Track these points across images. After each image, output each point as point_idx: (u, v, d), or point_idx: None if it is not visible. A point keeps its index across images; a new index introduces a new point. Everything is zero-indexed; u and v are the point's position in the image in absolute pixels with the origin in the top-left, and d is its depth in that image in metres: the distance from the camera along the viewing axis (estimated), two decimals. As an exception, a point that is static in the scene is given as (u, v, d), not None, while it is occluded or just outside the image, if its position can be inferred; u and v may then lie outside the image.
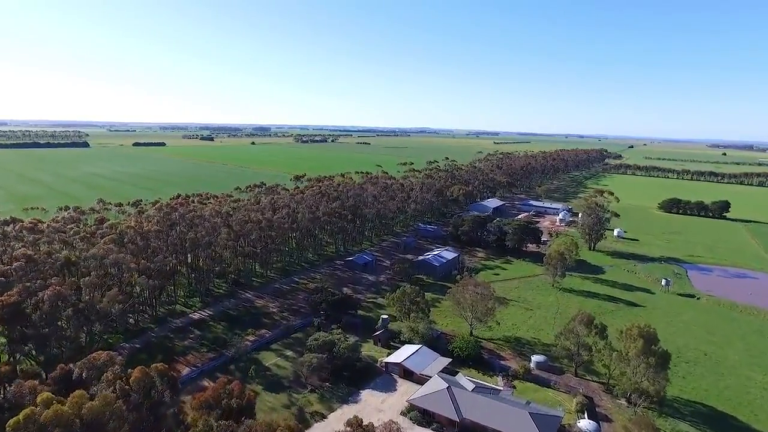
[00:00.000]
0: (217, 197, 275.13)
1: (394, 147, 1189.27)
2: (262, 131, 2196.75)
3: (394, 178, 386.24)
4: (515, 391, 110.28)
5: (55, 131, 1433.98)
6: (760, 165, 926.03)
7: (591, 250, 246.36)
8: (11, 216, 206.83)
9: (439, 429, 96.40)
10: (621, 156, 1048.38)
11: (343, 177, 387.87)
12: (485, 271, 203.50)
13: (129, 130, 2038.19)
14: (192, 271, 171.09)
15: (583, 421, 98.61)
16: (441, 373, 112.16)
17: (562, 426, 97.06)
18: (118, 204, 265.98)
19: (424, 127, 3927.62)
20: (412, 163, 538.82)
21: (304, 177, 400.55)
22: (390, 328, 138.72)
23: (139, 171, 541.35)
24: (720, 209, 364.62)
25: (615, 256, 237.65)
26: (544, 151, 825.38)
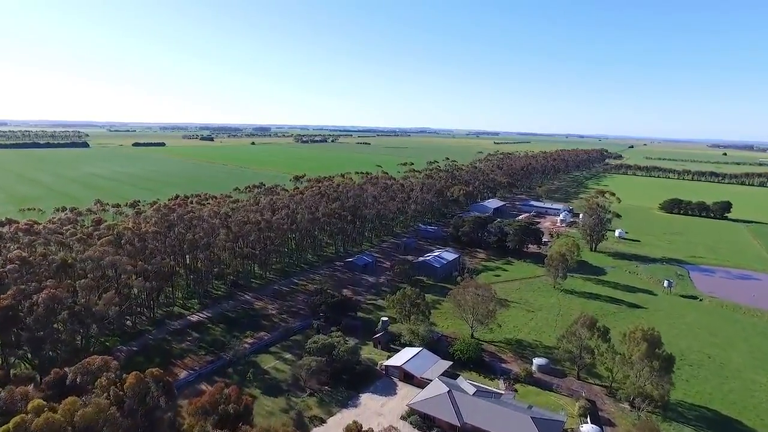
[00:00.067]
0: (215, 198, 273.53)
1: (394, 147, 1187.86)
2: (262, 131, 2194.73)
3: (394, 178, 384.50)
4: (517, 395, 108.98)
5: (55, 131, 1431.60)
6: (760, 165, 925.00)
7: (592, 251, 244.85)
8: (6, 217, 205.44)
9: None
10: (621, 156, 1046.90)
11: (342, 177, 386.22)
12: (486, 272, 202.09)
13: (129, 131, 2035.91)
14: (190, 273, 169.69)
15: (585, 426, 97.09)
16: (442, 376, 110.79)
17: (564, 431, 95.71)
18: (116, 205, 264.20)
19: (424, 127, 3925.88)
20: (412, 163, 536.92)
21: (303, 177, 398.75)
22: (390, 331, 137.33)
23: (139, 171, 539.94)
24: (721, 210, 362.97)
25: (616, 257, 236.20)
26: (544, 151, 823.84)
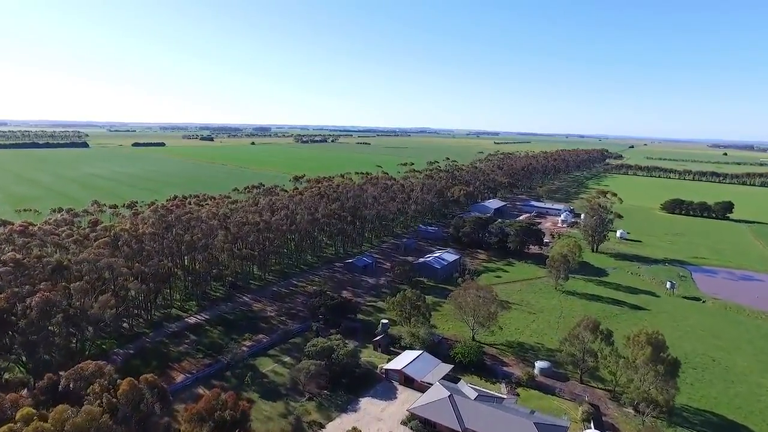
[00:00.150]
0: (214, 198, 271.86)
1: (394, 147, 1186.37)
2: (262, 131, 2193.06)
3: (395, 178, 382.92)
4: (519, 399, 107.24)
5: (55, 131, 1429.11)
6: (761, 165, 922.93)
7: (594, 251, 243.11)
8: (2, 218, 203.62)
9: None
10: (622, 156, 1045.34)
11: (342, 178, 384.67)
12: (487, 274, 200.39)
13: (129, 131, 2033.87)
14: (188, 274, 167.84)
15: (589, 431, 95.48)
16: (442, 380, 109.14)
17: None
18: (113, 206, 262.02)
19: (425, 127, 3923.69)
20: (412, 163, 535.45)
21: (303, 178, 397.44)
22: (390, 333, 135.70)
23: (139, 171, 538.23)
24: (723, 210, 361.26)
25: (618, 258, 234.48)
26: (544, 151, 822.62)
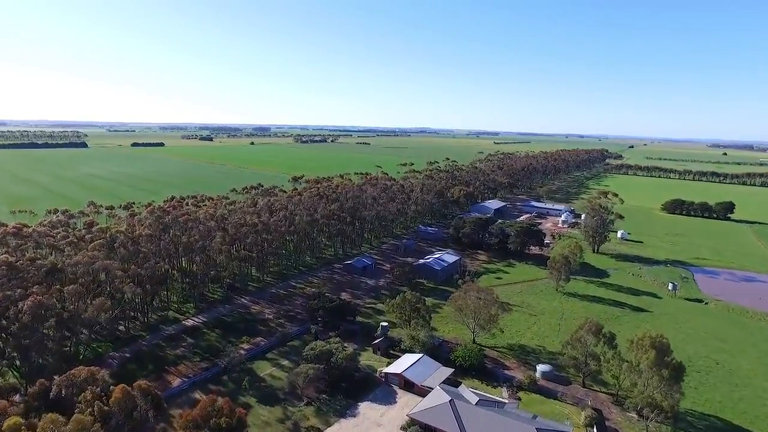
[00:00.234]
0: (212, 199, 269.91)
1: (394, 147, 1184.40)
2: (262, 131, 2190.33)
3: (394, 179, 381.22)
4: (520, 404, 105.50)
5: (54, 131, 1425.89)
6: (761, 165, 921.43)
7: (594, 252, 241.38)
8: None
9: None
10: (622, 156, 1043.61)
11: (342, 178, 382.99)
12: (487, 275, 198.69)
13: (128, 131, 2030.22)
14: (185, 276, 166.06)
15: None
16: (443, 384, 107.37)
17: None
18: (110, 207, 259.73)
19: (424, 127, 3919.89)
20: (412, 163, 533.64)
21: (302, 178, 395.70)
22: (390, 336, 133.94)
23: (137, 172, 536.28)
24: (724, 210, 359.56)
25: (619, 259, 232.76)
26: (544, 151, 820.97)
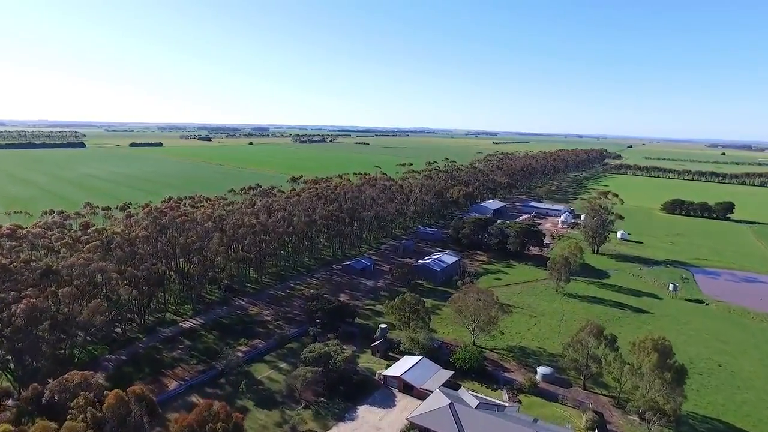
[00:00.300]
0: (210, 200, 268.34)
1: (392, 147, 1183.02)
2: (261, 131, 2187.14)
3: (393, 179, 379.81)
4: (521, 407, 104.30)
5: (52, 131, 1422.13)
6: (760, 165, 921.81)
7: (594, 253, 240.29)
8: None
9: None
10: (620, 156, 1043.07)
11: (340, 178, 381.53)
12: (487, 276, 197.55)
13: (127, 131, 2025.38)
14: (183, 278, 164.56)
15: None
16: (443, 387, 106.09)
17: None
18: (106, 208, 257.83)
19: (423, 127, 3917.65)
20: (411, 163, 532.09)
21: (300, 178, 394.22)
22: (389, 338, 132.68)
23: (136, 172, 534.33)
24: (724, 210, 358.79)
25: (619, 260, 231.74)
26: (543, 151, 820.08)
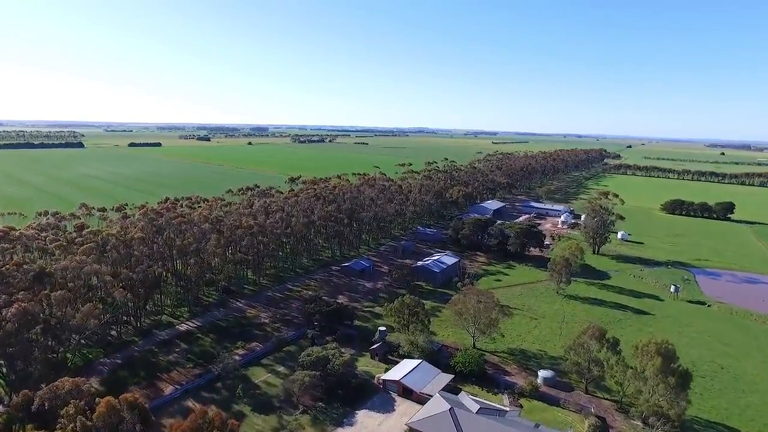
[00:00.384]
0: (207, 201, 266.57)
1: (392, 147, 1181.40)
2: (260, 131, 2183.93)
3: (392, 179, 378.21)
4: (522, 411, 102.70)
5: (50, 131, 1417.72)
6: (759, 165, 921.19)
7: (595, 254, 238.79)
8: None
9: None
10: (620, 156, 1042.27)
11: (339, 179, 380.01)
12: (487, 277, 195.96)
13: (126, 131, 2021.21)
14: (179, 280, 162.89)
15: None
16: (442, 391, 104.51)
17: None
18: (102, 209, 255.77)
19: (423, 127, 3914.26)
20: (410, 164, 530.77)
21: (299, 179, 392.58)
22: (388, 341, 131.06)
23: (134, 172, 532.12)
24: (724, 210, 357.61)
25: (620, 261, 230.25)
26: (543, 151, 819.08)
